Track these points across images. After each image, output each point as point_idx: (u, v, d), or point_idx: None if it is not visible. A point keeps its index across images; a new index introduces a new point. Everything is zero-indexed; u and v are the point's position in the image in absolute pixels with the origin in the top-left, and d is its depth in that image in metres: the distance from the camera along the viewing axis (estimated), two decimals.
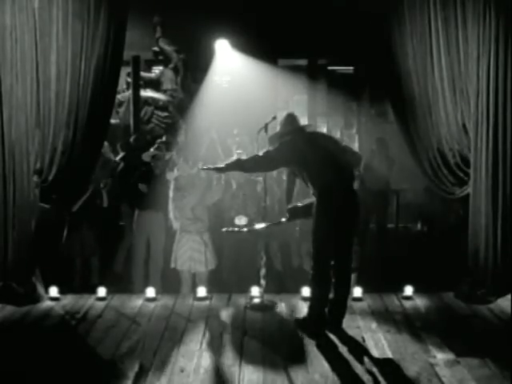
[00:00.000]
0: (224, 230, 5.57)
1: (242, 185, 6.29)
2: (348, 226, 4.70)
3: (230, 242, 6.26)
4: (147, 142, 8.34)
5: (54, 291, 5.48)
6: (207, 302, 5.41)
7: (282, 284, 6.17)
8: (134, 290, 6.12)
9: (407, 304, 5.36)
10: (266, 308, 5.21)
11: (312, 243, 4.70)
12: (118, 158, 7.21)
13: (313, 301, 4.77)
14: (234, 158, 6.29)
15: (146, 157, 6.80)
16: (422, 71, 5.54)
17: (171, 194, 6.06)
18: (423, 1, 5.44)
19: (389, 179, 7.21)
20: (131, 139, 8.08)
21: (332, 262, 4.71)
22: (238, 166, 4.78)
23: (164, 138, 8.48)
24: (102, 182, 6.47)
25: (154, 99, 10.67)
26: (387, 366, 4.13)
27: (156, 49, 10.89)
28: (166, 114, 10.67)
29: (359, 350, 4.39)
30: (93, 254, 6.49)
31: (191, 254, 5.92)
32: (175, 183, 6.01)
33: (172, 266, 5.99)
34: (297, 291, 5.50)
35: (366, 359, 4.22)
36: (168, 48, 10.77)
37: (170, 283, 6.10)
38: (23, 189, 5.25)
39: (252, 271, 5.84)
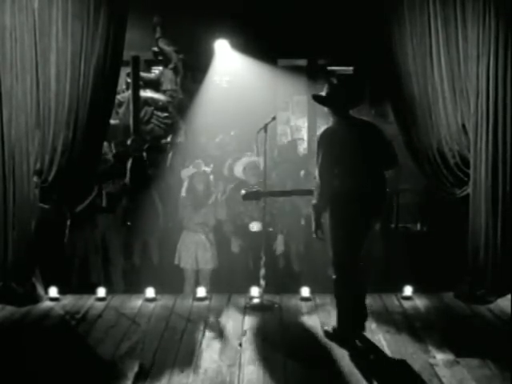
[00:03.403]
0: (243, 191, 5.39)
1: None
2: (363, 228, 4.54)
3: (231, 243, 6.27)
4: (144, 143, 8.35)
5: (53, 291, 5.47)
6: (207, 302, 5.41)
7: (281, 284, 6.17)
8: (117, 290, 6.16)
9: (407, 304, 5.36)
10: (265, 308, 5.21)
11: (331, 249, 4.55)
12: (111, 156, 7.16)
13: (340, 309, 4.60)
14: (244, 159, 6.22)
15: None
16: (421, 71, 5.53)
17: (184, 192, 6.09)
18: (423, 1, 5.44)
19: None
20: (128, 141, 8.08)
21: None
22: None
23: (169, 139, 8.51)
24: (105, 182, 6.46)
25: (153, 99, 10.67)
26: (387, 366, 4.13)
27: (156, 49, 10.89)
28: (165, 114, 10.67)
29: (359, 350, 4.39)
30: (96, 253, 6.50)
31: (196, 252, 5.94)
32: (189, 181, 6.02)
33: (176, 262, 6.02)
34: (296, 291, 5.52)
35: (365, 360, 4.21)
36: (168, 48, 10.77)
37: (170, 283, 6.09)
38: (23, 189, 5.25)
39: (252, 271, 5.86)
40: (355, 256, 4.50)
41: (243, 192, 5.32)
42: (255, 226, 5.91)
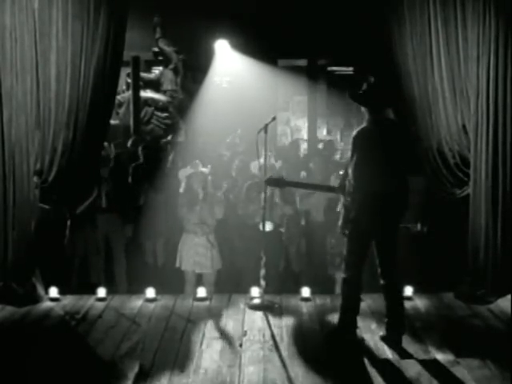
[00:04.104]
0: (267, 176, 5.29)
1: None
2: (383, 232, 4.49)
3: (234, 244, 6.27)
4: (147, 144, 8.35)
5: (53, 292, 5.47)
6: (207, 303, 5.41)
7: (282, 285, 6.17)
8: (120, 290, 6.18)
9: (407, 304, 5.31)
10: (265, 308, 5.21)
11: (346, 247, 4.55)
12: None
13: (342, 307, 4.59)
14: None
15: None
16: (421, 72, 5.54)
17: (181, 192, 6.08)
18: (423, 1, 5.45)
19: None
20: (129, 142, 8.08)
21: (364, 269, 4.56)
22: None
23: (169, 138, 8.51)
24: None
25: (153, 100, 10.68)
26: (387, 366, 4.12)
27: (156, 49, 10.90)
28: (165, 114, 10.68)
29: (359, 350, 4.39)
30: (96, 254, 6.49)
31: (196, 255, 5.92)
32: (186, 181, 6.02)
33: (177, 265, 6.01)
34: (296, 291, 5.52)
35: (365, 360, 4.21)
36: (168, 48, 10.78)
37: (170, 283, 6.09)
38: (23, 189, 5.25)
39: (252, 272, 5.86)
40: (361, 260, 4.49)
41: (267, 177, 5.28)
42: (267, 226, 5.91)
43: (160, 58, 10.97)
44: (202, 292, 5.51)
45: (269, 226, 5.78)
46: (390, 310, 4.53)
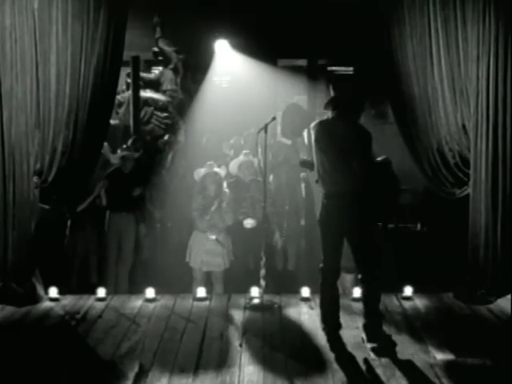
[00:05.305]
0: (300, 160, 5.21)
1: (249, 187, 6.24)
2: (347, 231, 4.52)
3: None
4: (145, 144, 8.36)
5: (53, 292, 5.47)
6: (207, 302, 5.41)
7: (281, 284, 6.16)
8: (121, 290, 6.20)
9: (407, 304, 5.35)
10: (265, 308, 5.21)
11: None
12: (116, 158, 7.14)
13: (320, 299, 4.68)
14: (241, 157, 6.30)
15: (114, 158, 6.81)
16: (421, 72, 5.54)
17: (195, 193, 6.08)
18: (423, 1, 5.45)
19: None
20: (129, 142, 8.08)
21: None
22: None
23: (166, 138, 8.50)
24: (100, 182, 6.45)
25: (153, 100, 10.65)
26: (387, 366, 4.12)
27: (156, 49, 10.88)
28: (165, 114, 10.65)
29: (359, 350, 4.38)
30: (95, 253, 6.50)
31: (206, 253, 5.92)
32: (200, 182, 6.01)
33: (186, 260, 6.01)
34: (296, 291, 5.52)
35: (365, 360, 4.21)
36: (168, 48, 10.75)
37: (170, 283, 6.09)
38: (23, 189, 5.25)
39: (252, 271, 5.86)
40: (331, 259, 4.55)
41: (300, 159, 5.26)
42: (249, 223, 5.91)
43: (160, 57, 10.94)
44: (201, 292, 5.51)
45: (251, 223, 5.80)
46: (367, 306, 4.52)
